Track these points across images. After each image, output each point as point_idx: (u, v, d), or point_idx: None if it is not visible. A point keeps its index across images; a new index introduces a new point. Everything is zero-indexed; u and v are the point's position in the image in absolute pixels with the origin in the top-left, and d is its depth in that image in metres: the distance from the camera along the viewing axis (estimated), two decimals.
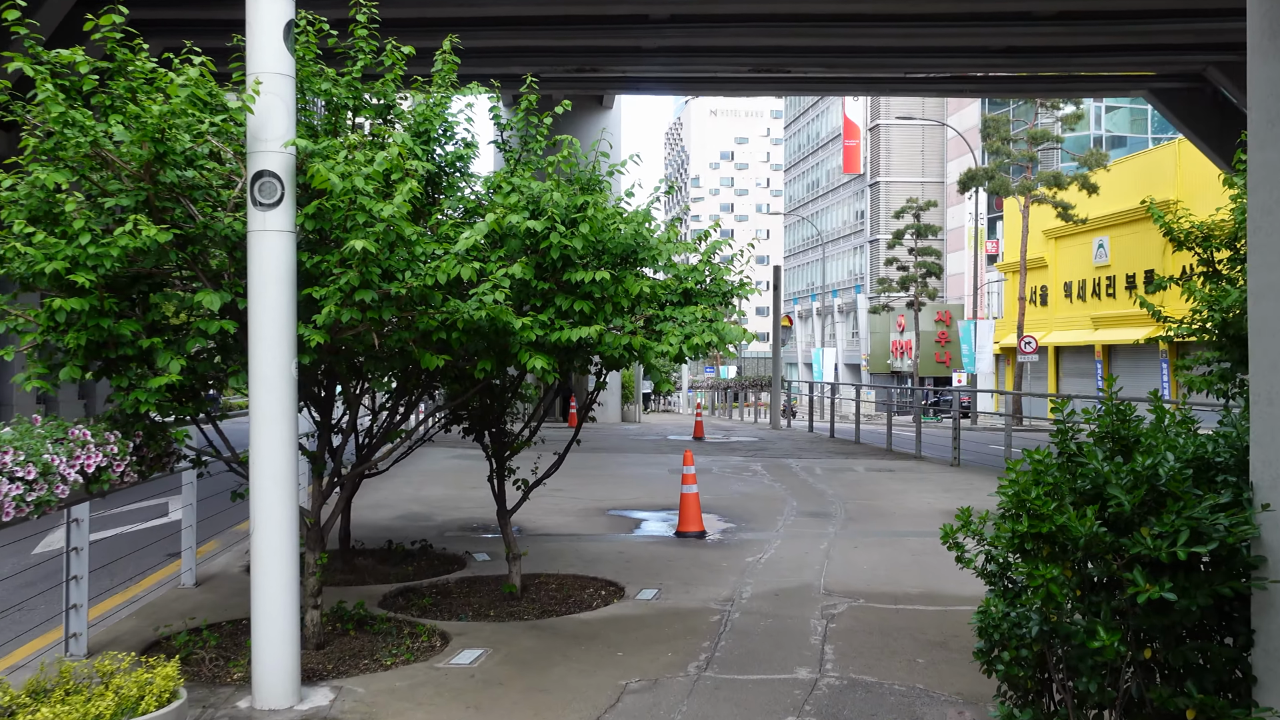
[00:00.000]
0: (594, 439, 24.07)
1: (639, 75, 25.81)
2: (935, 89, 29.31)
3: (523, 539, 10.62)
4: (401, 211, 5.17)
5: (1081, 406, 4.15)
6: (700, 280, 7.70)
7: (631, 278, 6.15)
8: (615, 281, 6.10)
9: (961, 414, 43.90)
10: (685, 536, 10.81)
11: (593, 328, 5.82)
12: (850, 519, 11.98)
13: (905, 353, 64.41)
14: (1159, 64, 23.18)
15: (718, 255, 8.05)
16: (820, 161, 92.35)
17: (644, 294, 6.24)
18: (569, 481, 15.07)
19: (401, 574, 9.13)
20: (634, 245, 6.40)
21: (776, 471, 16.92)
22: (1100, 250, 43.66)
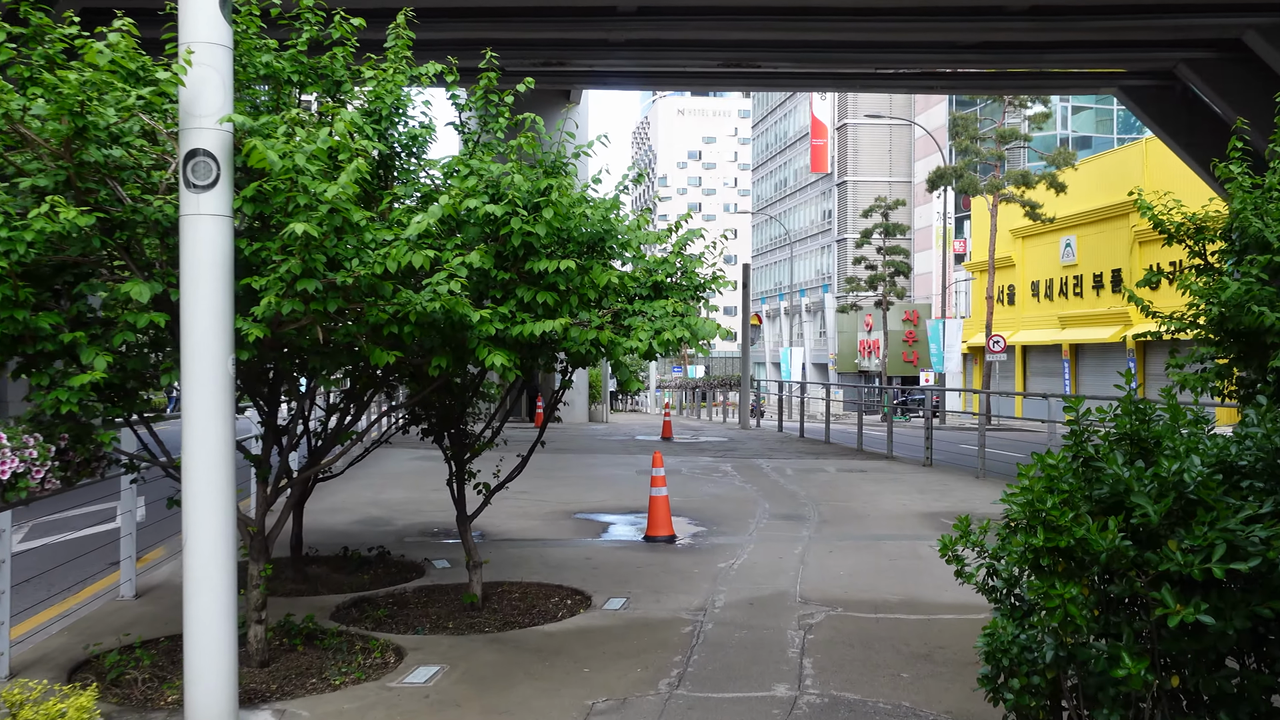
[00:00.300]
0: (560, 439, 23.63)
1: (606, 69, 25.40)
2: (906, 85, 29.09)
3: (485, 545, 10.18)
4: (347, 193, 4.72)
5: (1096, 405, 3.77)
6: (671, 273, 7.30)
7: (599, 268, 5.74)
8: (581, 272, 5.68)
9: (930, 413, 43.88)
10: (655, 541, 10.41)
11: (557, 321, 5.40)
12: (824, 522, 11.63)
13: (873, 352, 64.38)
14: (1130, 61, 23.02)
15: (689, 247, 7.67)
16: (788, 161, 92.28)
17: (612, 285, 5.82)
18: (534, 483, 14.65)
19: (357, 583, 8.67)
20: (602, 233, 5.99)
21: (747, 472, 16.56)
22: (1067, 250, 43.69)
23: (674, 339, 6.36)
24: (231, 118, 4.90)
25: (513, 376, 5.50)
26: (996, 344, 37.76)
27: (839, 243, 77.76)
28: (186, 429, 5.00)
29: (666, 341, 6.36)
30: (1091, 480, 3.30)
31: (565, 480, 15.42)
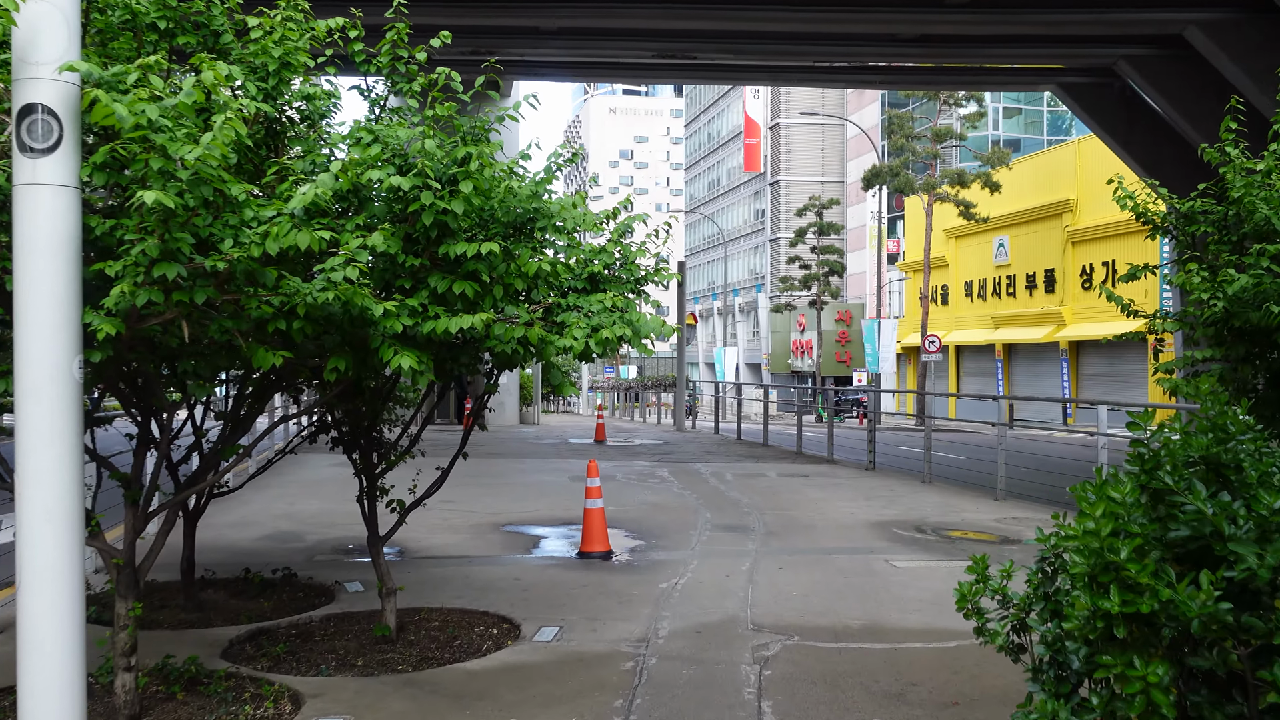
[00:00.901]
0: (490, 443, 22.69)
1: (538, 59, 24.51)
2: (843, 79, 28.59)
3: (404, 564, 9.29)
4: (215, 156, 3.83)
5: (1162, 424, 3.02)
6: (610, 263, 6.51)
7: (527, 253, 4.91)
8: (507, 257, 4.85)
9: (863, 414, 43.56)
10: (589, 557, 9.59)
11: (478, 316, 4.56)
12: (771, 533, 10.89)
13: (806, 352, 64.20)
14: (1070, 57, 22.71)
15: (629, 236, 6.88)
16: (721, 160, 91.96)
17: (544, 274, 4.99)
18: (461, 492, 13.76)
19: (256, 611, 7.73)
20: (530, 212, 5.15)
21: (685, 478, 15.80)
22: (1000, 249, 43.69)
23: (613, 337, 5.56)
24: (74, 65, 3.99)
25: (424, 381, 4.65)
26: (932, 344, 37.51)
27: (772, 242, 77.56)
28: (19, 447, 4.09)
29: (605, 340, 5.56)
30: (1165, 519, 2.56)
31: (494, 488, 14.53)
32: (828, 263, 49.63)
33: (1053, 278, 40.26)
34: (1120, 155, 25.27)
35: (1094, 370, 38.65)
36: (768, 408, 24.10)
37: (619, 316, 5.74)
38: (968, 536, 10.84)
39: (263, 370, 5.06)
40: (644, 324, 5.79)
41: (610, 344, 5.63)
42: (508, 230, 5.17)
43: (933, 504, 13.21)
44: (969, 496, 14.05)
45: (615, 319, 5.71)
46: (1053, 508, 13.44)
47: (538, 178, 5.33)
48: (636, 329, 5.77)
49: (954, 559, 9.55)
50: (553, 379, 5.74)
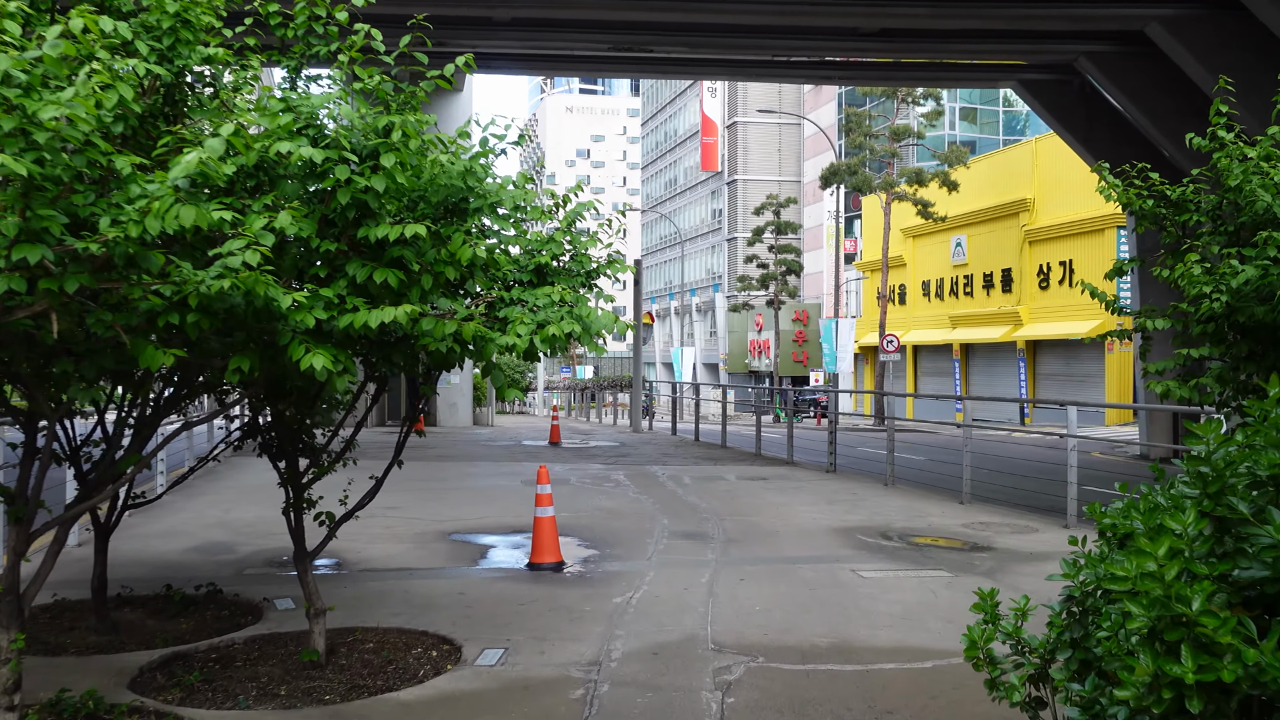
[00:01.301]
0: (441, 445, 22.07)
1: (491, 50, 23.83)
2: (803, 75, 28.17)
3: (340, 578, 8.68)
4: (83, 116, 3.24)
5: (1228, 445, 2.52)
6: (558, 254, 5.97)
7: (460, 237, 4.34)
8: (436, 242, 4.29)
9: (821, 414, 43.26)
10: (540, 569, 9.03)
11: (400, 309, 3.99)
12: (731, 541, 10.39)
13: (763, 352, 63.94)
14: (1031, 53, 22.43)
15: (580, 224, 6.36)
16: (678, 159, 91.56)
17: (479, 261, 4.43)
18: (407, 498, 13.17)
19: (174, 633, 7.11)
20: (464, 191, 4.58)
21: (641, 482, 15.27)
22: (958, 249, 43.60)
23: (561, 334, 5.03)
24: None
25: (342, 385, 4.08)
26: (890, 343, 37.26)
27: (729, 242, 77.29)
28: None
29: (552, 338, 5.03)
30: (1233, 554, 2.06)
31: (442, 493, 13.93)
32: (785, 262, 49.33)
33: (1010, 277, 40.20)
34: (1080, 153, 25.08)
35: (1051, 370, 38.61)
36: (725, 409, 23.63)
37: (567, 311, 5.22)
38: (935, 543, 10.40)
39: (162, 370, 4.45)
40: (595, 320, 5.27)
41: (558, 342, 5.09)
42: (439, 212, 4.60)
43: (897, 508, 12.78)
44: (933, 500, 13.64)
45: (563, 314, 5.19)
46: (1019, 511, 13.11)
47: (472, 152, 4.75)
48: (587, 325, 5.25)
49: (923, 568, 9.09)
50: (495, 381, 5.14)
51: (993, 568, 9.12)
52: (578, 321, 5.19)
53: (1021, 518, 12.19)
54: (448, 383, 30.48)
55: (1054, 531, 11.15)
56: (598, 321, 5.26)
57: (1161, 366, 5.92)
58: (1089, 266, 35.96)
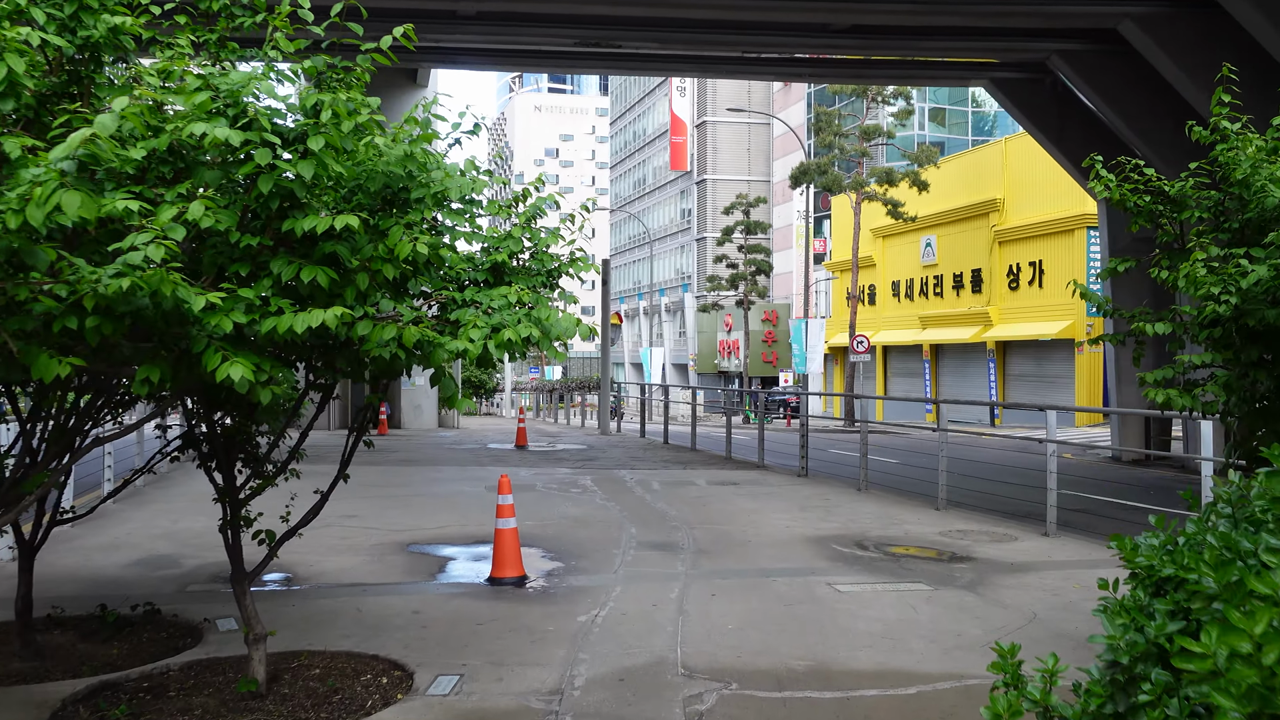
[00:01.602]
0: (405, 449, 21.56)
1: (455, 45, 23.33)
2: (773, 72, 27.82)
3: (288, 595, 8.20)
4: None
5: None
6: (516, 251, 5.54)
7: (399, 230, 3.90)
8: (373, 236, 3.84)
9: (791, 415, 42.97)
10: (501, 584, 8.59)
11: (331, 312, 3.54)
12: (701, 551, 9.98)
13: (733, 352, 63.70)
14: (1004, 50, 22.18)
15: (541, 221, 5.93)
16: (647, 159, 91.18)
17: (420, 258, 3.98)
18: (366, 505, 12.70)
19: (105, 659, 6.61)
20: (403, 178, 4.14)
21: (609, 487, 14.84)
22: (928, 249, 43.46)
23: (517, 339, 4.60)
24: None
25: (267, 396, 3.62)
26: (860, 344, 37.03)
27: (698, 242, 76.99)
28: None
29: (508, 343, 4.60)
30: None
31: (403, 500, 13.45)
32: (755, 262, 49.04)
33: (980, 278, 40.08)
34: (1052, 153, 24.90)
35: (1021, 371, 38.51)
36: (695, 410, 23.24)
37: (526, 314, 4.80)
38: (913, 554, 10.04)
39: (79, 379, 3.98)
40: (556, 323, 4.84)
41: (514, 347, 4.67)
42: (377, 203, 4.16)
43: (871, 515, 12.42)
44: (908, 506, 13.30)
45: (521, 317, 4.76)
46: (996, 518, 12.77)
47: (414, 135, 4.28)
48: (546, 329, 4.83)
49: (901, 580, 8.72)
50: (443, 390, 4.68)
51: (974, 580, 8.76)
52: (536, 325, 4.77)
53: (999, 524, 11.86)
54: (412, 384, 29.95)
55: (1034, 539, 10.82)
56: (558, 325, 4.83)
57: (1160, 376, 5.56)
58: (1059, 267, 35.87)
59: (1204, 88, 18.88)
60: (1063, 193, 35.01)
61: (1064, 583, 8.71)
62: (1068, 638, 6.98)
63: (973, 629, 7.18)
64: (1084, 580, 8.80)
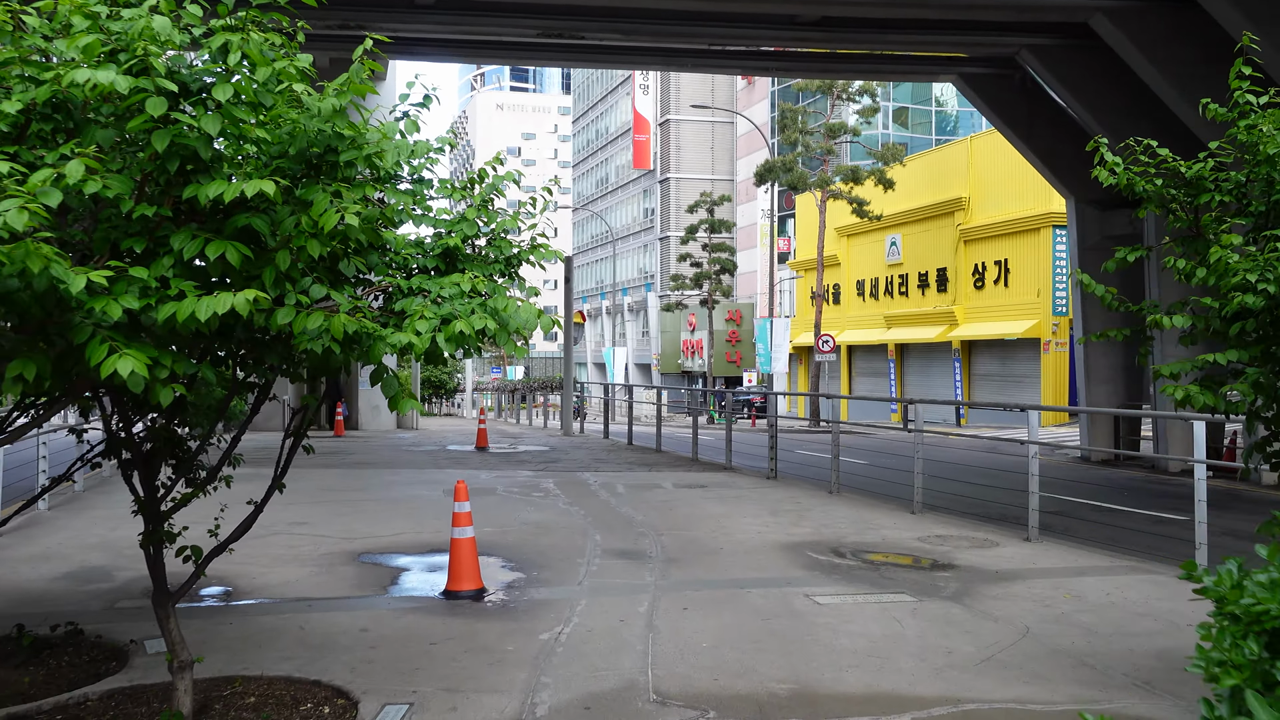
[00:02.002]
0: (361, 451, 20.91)
1: (414, 35, 22.69)
2: (738, 65, 27.36)
3: (227, 613, 7.58)
4: None
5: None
6: (471, 235, 5.00)
7: (324, 198, 3.34)
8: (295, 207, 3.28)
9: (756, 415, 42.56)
10: (457, 597, 8.02)
11: (240, 296, 2.98)
12: (671, 560, 9.46)
13: (696, 352, 63.31)
14: (973, 45, 21.84)
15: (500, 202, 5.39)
16: (609, 157, 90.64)
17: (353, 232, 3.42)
18: (317, 511, 12.11)
19: (17, 688, 5.98)
20: (330, 137, 3.57)
21: (572, 491, 14.29)
22: (893, 248, 43.23)
23: (471, 332, 4.06)
24: None
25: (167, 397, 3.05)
26: (826, 344, 36.69)
27: (662, 240, 76.55)
28: None
29: (460, 335, 4.05)
30: None
31: (357, 505, 12.83)
32: (720, 260, 48.62)
33: (945, 277, 39.88)
34: (1021, 149, 24.63)
35: (986, 370, 38.34)
36: (660, 411, 22.72)
37: (480, 304, 4.25)
38: (892, 561, 9.57)
39: None
40: (514, 314, 4.30)
41: (467, 341, 4.12)
42: (302, 169, 3.59)
43: (846, 519, 11.95)
44: (883, 509, 12.84)
45: (475, 307, 4.22)
46: (974, 521, 12.32)
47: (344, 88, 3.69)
48: (504, 321, 4.29)
49: (884, 591, 8.23)
50: (385, 389, 4.12)
51: (959, 590, 8.29)
52: (492, 316, 4.23)
53: (978, 529, 11.43)
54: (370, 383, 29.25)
55: (1015, 545, 10.38)
56: (517, 317, 4.29)
57: (1176, 369, 5.09)
58: (1024, 266, 35.71)
59: (1175, 82, 18.62)
60: (1028, 191, 34.86)
61: (1053, 592, 8.26)
62: (1065, 654, 6.52)
63: (964, 645, 6.70)
64: (1074, 589, 8.38)
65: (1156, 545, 11.16)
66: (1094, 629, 7.17)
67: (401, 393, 4.09)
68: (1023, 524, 11.34)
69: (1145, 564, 9.56)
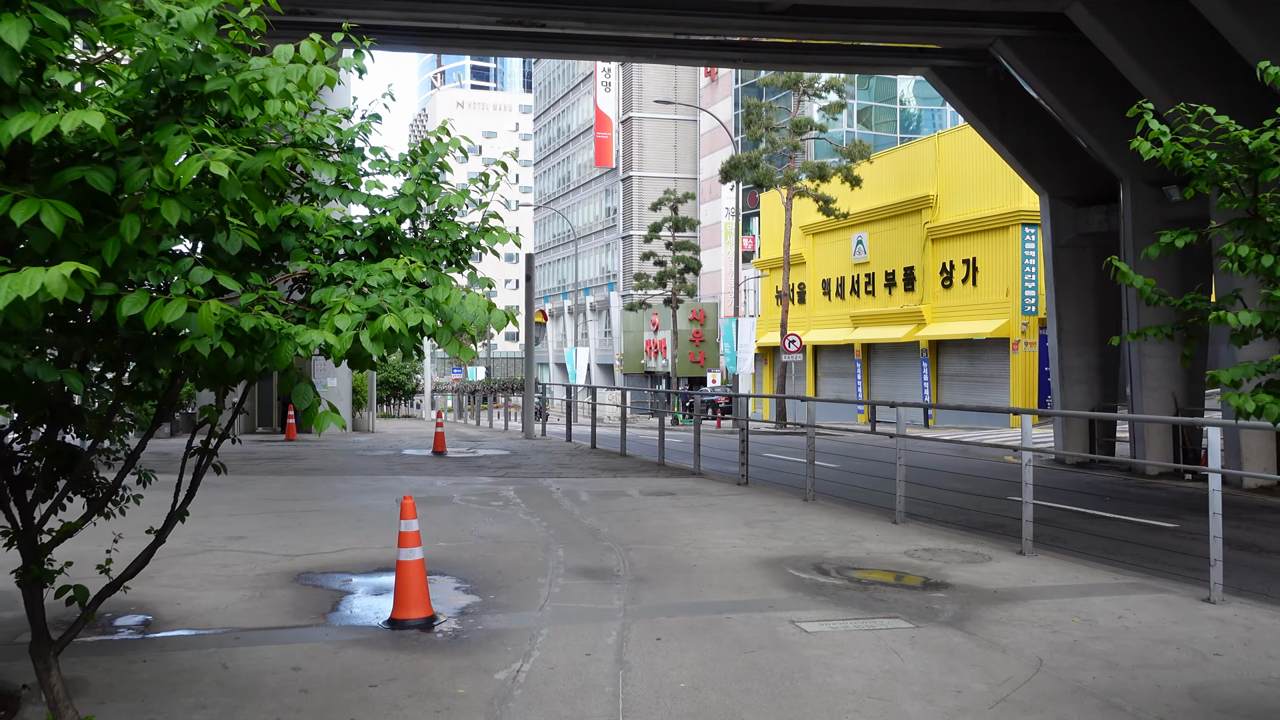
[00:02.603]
0: (312, 456, 19.96)
1: (370, 22, 21.66)
2: (705, 56, 26.58)
3: (142, 648, 6.69)
4: None
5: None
6: (409, 214, 4.19)
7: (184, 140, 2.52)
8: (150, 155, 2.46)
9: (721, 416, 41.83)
10: (404, 627, 7.18)
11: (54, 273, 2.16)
12: (641, 580, 8.66)
13: (660, 352, 62.61)
14: (946, 36, 21.20)
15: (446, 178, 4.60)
16: (571, 155, 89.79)
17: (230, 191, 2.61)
18: (258, 523, 11.26)
19: None
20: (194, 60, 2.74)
21: (534, 499, 13.47)
22: (859, 247, 42.71)
23: (403, 328, 3.25)
24: None
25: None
26: (793, 344, 36.05)
27: (624, 240, 75.80)
28: None
29: (390, 333, 3.25)
30: None
31: (301, 517, 11.93)
32: (684, 259, 47.91)
33: (912, 276, 39.39)
34: (994, 144, 24.07)
35: (955, 370, 37.87)
36: (625, 413, 21.93)
37: (416, 295, 3.44)
38: (880, 579, 8.83)
39: None
40: (458, 307, 3.49)
41: (399, 340, 3.32)
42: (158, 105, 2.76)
43: (825, 530, 11.21)
44: (862, 519, 12.12)
45: (410, 298, 3.41)
46: (961, 533, 11.59)
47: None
48: (445, 315, 3.49)
49: (876, 615, 7.49)
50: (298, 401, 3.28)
51: (958, 614, 7.56)
52: (431, 310, 3.43)
53: (966, 541, 10.73)
54: (324, 385, 28.27)
55: (1010, 560, 9.68)
56: (462, 310, 3.49)
57: (1238, 375, 4.36)
58: (993, 265, 35.26)
59: (1155, 75, 18.08)
60: (997, 189, 34.41)
61: (1060, 615, 7.55)
62: (1088, 693, 5.80)
63: (974, 682, 5.96)
64: (1081, 612, 7.67)
65: (1157, 558, 10.52)
66: (1113, 660, 6.46)
67: (317, 404, 3.27)
68: (1012, 535, 10.68)
69: (1151, 580, 8.89)
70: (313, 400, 3.31)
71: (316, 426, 3.23)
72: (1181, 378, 20.38)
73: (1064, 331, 22.78)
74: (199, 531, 10.85)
